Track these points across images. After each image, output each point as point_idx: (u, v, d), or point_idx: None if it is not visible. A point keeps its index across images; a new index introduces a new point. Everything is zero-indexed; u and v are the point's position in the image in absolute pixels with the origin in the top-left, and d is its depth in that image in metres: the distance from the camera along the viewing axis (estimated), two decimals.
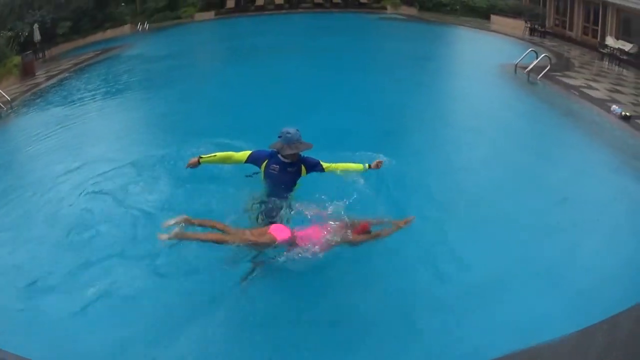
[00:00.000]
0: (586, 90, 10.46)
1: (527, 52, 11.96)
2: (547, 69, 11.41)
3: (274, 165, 4.46)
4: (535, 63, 11.34)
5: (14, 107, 10.92)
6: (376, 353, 3.49)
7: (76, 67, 15.45)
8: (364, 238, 3.99)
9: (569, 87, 10.61)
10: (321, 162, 4.61)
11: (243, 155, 4.55)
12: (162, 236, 3.72)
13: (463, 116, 8.84)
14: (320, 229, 3.94)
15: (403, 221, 4.09)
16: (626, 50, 14.60)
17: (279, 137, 4.36)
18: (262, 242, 3.85)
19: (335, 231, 3.92)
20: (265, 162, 4.51)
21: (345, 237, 3.92)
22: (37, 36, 18.85)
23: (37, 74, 15.30)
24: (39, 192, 5.78)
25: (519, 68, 11.66)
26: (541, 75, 11.12)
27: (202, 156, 4.60)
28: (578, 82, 11.24)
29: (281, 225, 4.03)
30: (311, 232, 3.94)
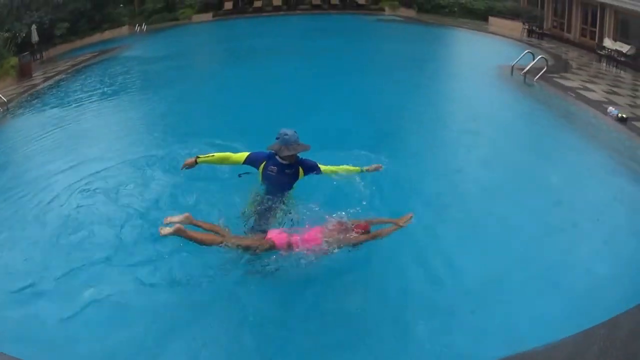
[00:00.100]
0: (583, 92, 10.47)
1: (524, 53, 11.95)
2: (544, 70, 11.42)
3: (272, 166, 4.45)
4: (532, 65, 11.33)
5: (10, 109, 10.88)
6: (376, 353, 3.47)
7: (73, 69, 15.43)
8: (364, 238, 3.93)
9: (566, 89, 10.62)
10: (319, 165, 4.60)
11: (241, 156, 4.54)
12: (164, 230, 3.74)
13: (459, 118, 8.84)
14: (319, 232, 3.91)
15: (402, 219, 4.01)
16: (624, 51, 14.67)
17: (277, 138, 4.35)
18: (260, 246, 3.83)
19: (334, 233, 3.88)
20: (263, 163, 4.49)
21: (345, 239, 3.88)
22: (35, 37, 18.85)
23: (34, 75, 15.27)
24: (32, 193, 5.72)
25: (516, 70, 11.66)
26: (538, 76, 11.13)
27: (200, 156, 4.59)
28: (575, 83, 11.25)
29: (279, 230, 4.01)
30: (309, 236, 3.91)
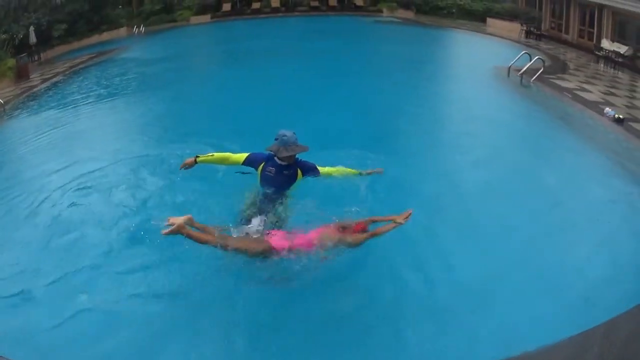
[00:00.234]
0: (580, 92, 10.48)
1: (520, 54, 11.97)
2: (541, 71, 11.44)
3: (271, 167, 4.45)
4: (529, 65, 11.34)
5: (7, 110, 10.85)
6: (375, 354, 3.47)
7: (71, 70, 15.43)
8: (363, 237, 3.90)
9: (562, 90, 10.63)
10: (317, 166, 4.60)
11: (240, 157, 4.55)
12: (166, 230, 3.69)
13: (456, 119, 8.85)
14: (317, 234, 3.89)
15: (401, 216, 3.89)
16: (621, 52, 14.73)
17: (276, 139, 4.36)
18: (259, 250, 3.81)
19: (333, 234, 3.86)
20: (262, 164, 4.50)
21: (344, 239, 3.86)
22: (33, 39, 18.82)
23: (31, 76, 15.24)
24: (27, 193, 5.71)
25: (513, 71, 11.68)
26: (534, 77, 11.14)
27: (199, 156, 4.59)
28: (572, 84, 11.27)
29: (278, 232, 4.00)
30: (308, 238, 3.88)
